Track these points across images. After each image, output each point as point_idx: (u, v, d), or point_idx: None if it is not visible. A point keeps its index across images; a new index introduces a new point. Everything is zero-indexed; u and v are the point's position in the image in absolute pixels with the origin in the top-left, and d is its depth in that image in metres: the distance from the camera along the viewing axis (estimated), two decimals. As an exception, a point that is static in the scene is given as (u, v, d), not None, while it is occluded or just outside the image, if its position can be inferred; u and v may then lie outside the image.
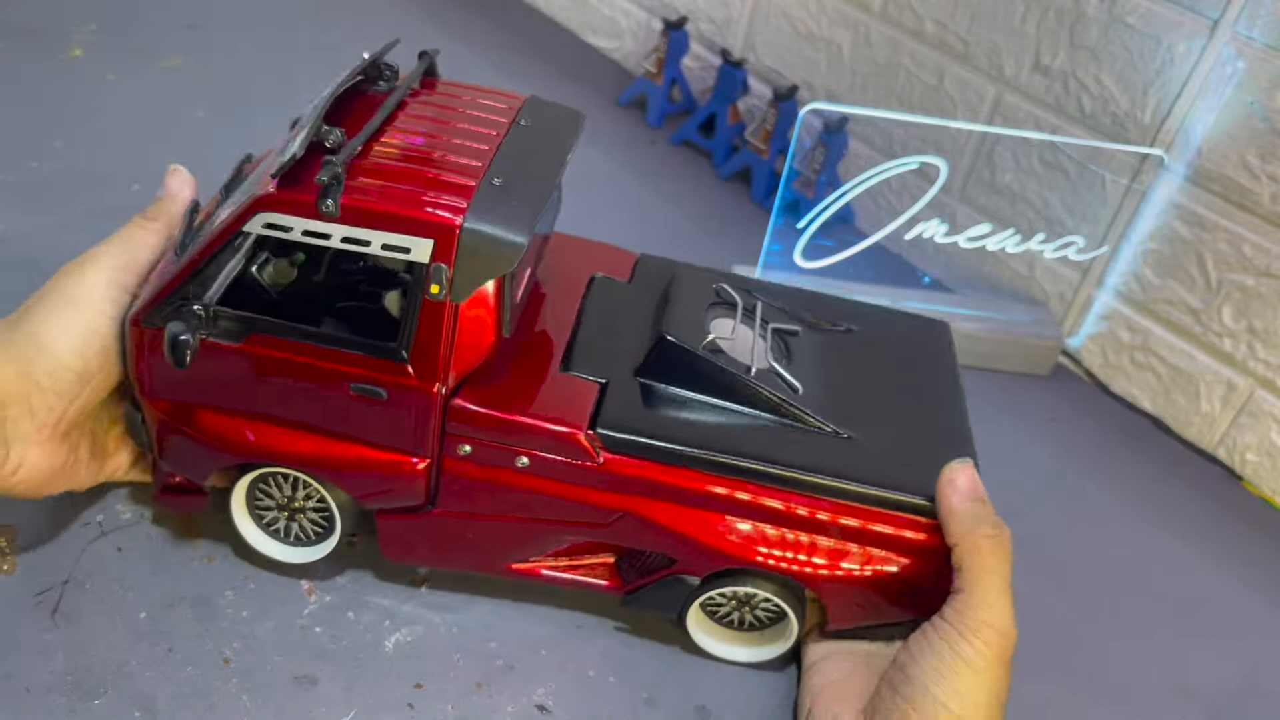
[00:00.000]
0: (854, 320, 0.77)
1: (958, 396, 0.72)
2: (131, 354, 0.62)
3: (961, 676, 0.57)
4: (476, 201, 0.58)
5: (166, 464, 0.66)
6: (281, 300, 0.67)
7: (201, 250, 0.60)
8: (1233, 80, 0.87)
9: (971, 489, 0.61)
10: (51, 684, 0.62)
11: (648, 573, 0.67)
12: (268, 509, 0.67)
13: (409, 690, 0.65)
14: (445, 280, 0.58)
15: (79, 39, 1.22)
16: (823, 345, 0.73)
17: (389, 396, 0.61)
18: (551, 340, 0.68)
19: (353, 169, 0.58)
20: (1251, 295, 0.91)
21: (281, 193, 0.57)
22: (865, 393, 0.70)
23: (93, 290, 0.62)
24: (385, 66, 0.66)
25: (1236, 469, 0.96)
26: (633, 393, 0.65)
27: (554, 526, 0.65)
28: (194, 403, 0.63)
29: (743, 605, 0.68)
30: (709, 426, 0.64)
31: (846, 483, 0.63)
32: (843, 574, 0.63)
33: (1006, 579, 0.59)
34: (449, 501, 0.64)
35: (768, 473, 0.63)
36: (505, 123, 0.65)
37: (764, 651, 0.69)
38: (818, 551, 0.64)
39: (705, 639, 0.69)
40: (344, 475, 0.64)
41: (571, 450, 0.62)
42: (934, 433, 0.68)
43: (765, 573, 0.64)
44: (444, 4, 1.48)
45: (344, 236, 0.57)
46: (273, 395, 0.62)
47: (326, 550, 0.67)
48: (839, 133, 1.09)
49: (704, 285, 0.72)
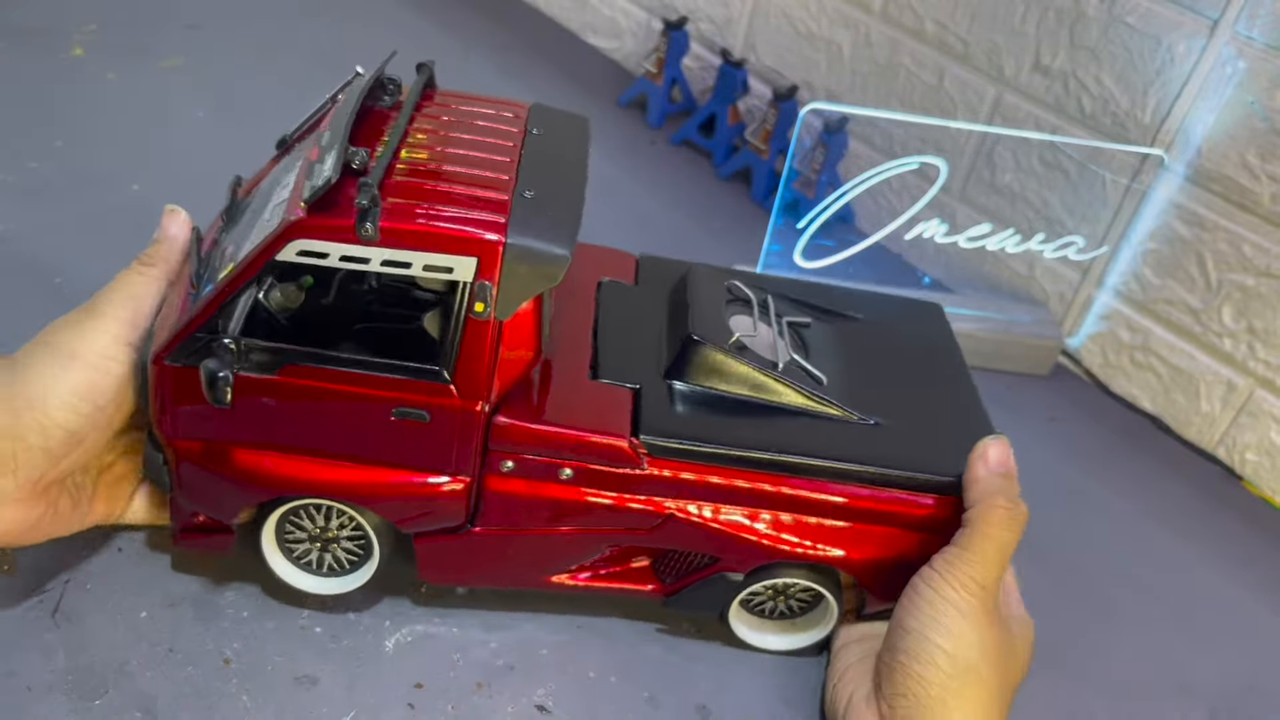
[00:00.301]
0: (851, 308, 0.78)
1: (964, 374, 0.75)
2: (154, 394, 0.60)
3: (952, 619, 0.59)
4: (515, 216, 0.57)
5: (191, 504, 0.63)
6: (292, 325, 0.65)
7: (230, 282, 0.57)
8: (1233, 80, 0.87)
9: (1000, 463, 0.63)
10: (52, 683, 0.62)
11: (688, 573, 0.67)
12: (299, 542, 0.66)
13: (409, 690, 0.65)
14: (490, 298, 0.57)
15: (79, 39, 1.22)
16: (832, 335, 0.74)
17: (431, 418, 0.60)
18: (575, 349, 0.67)
19: (383, 189, 0.56)
20: (1251, 295, 0.91)
21: (316, 218, 0.55)
22: (880, 378, 0.71)
23: (95, 345, 0.59)
24: (388, 80, 0.65)
25: (1236, 469, 0.96)
26: (665, 396, 0.65)
27: (596, 535, 0.65)
28: (223, 439, 0.61)
29: (779, 595, 0.69)
30: (745, 424, 0.65)
31: (882, 469, 0.64)
32: (884, 558, 0.65)
33: (1005, 549, 0.60)
34: (490, 518, 0.64)
35: (806, 465, 0.64)
36: (518, 132, 0.64)
37: (804, 638, 0.70)
38: (859, 538, 0.65)
39: (747, 632, 0.70)
40: (383, 501, 0.62)
41: (617, 459, 0.62)
42: (952, 412, 0.70)
43: (807, 562, 0.65)
44: (444, 4, 1.48)
45: (384, 260, 0.56)
46: (308, 425, 0.60)
47: (365, 579, 0.66)
48: (839, 133, 1.09)
49: (718, 283, 0.72)
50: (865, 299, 0.80)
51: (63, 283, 0.87)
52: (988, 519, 0.60)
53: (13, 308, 0.85)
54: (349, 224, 0.55)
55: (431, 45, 1.37)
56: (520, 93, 1.30)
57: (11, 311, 0.84)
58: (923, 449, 0.66)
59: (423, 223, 0.56)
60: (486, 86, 1.26)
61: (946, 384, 0.73)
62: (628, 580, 0.69)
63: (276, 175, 0.64)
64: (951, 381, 0.74)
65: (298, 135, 0.68)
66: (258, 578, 0.69)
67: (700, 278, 0.73)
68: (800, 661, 0.71)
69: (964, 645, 0.58)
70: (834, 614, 0.68)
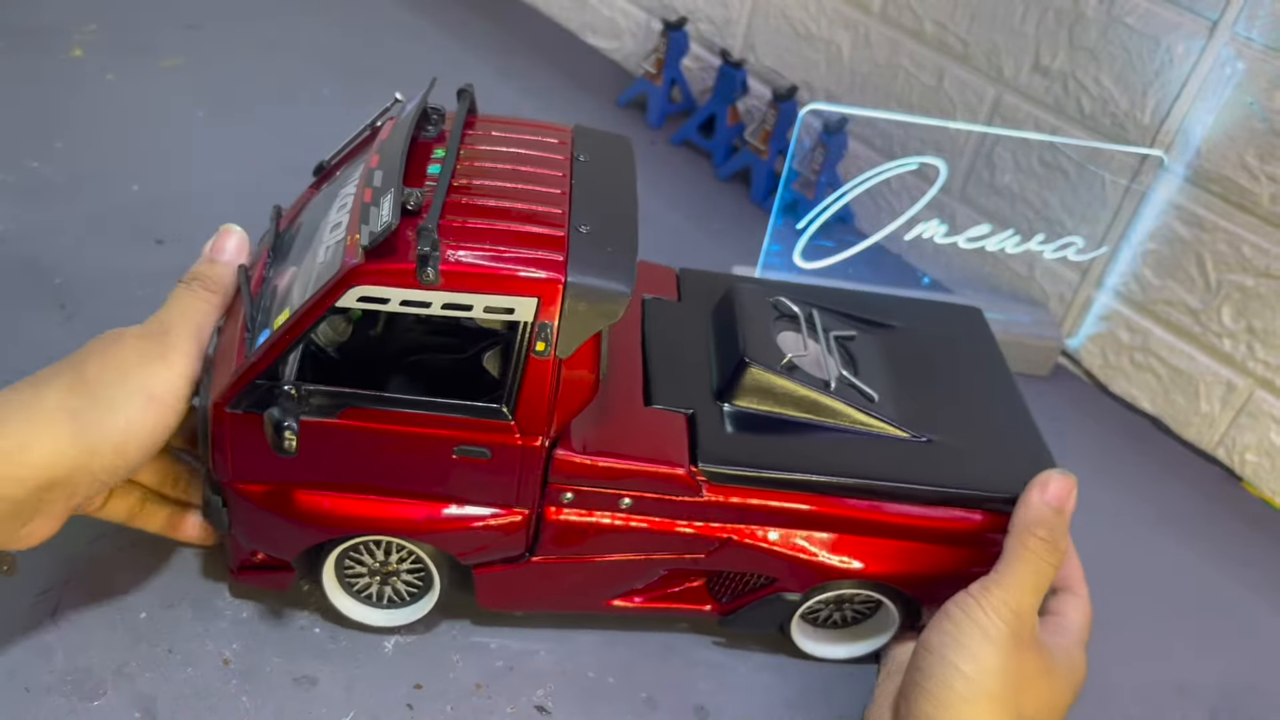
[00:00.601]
0: (892, 315, 0.78)
1: (1010, 382, 0.75)
2: (214, 440, 0.59)
3: (977, 642, 0.58)
4: (573, 253, 0.56)
5: (251, 544, 0.64)
6: (341, 357, 0.65)
7: (290, 329, 0.56)
8: (1232, 81, 0.87)
9: (1057, 497, 0.61)
10: (51, 684, 0.62)
11: (744, 593, 0.68)
12: (359, 576, 0.66)
13: (409, 690, 0.65)
14: (550, 337, 0.56)
15: (79, 39, 1.22)
16: (877, 347, 0.74)
17: (493, 455, 0.60)
18: (627, 372, 0.67)
19: (440, 231, 0.55)
20: (1251, 296, 0.91)
21: (375, 264, 0.54)
22: (929, 391, 0.71)
23: (171, 388, 0.58)
24: (432, 111, 0.64)
25: (1236, 469, 0.96)
26: (720, 420, 0.66)
27: (654, 560, 0.65)
28: (285, 481, 0.61)
29: (839, 605, 0.69)
30: (800, 446, 0.65)
31: (937, 488, 0.65)
32: (938, 574, 0.65)
33: (1040, 580, 0.60)
34: (549, 548, 0.64)
35: (862, 486, 0.64)
36: (565, 160, 0.63)
37: (865, 646, 0.71)
38: (915, 557, 0.65)
39: (808, 643, 0.70)
40: (443, 536, 0.62)
41: (676, 488, 0.63)
42: (1002, 424, 0.71)
43: (863, 580, 0.66)
44: (444, 4, 1.48)
45: (445, 303, 0.55)
46: (370, 465, 0.60)
47: (427, 609, 0.67)
48: (838, 133, 1.09)
49: (763, 300, 0.72)
50: (906, 305, 0.80)
51: (63, 283, 0.87)
52: (1023, 545, 0.60)
53: (13, 308, 0.85)
54: (410, 268, 0.54)
55: (431, 44, 1.37)
56: (520, 93, 1.30)
57: (12, 311, 0.84)
58: (974, 465, 0.66)
59: (483, 265, 0.55)
60: (487, 87, 1.25)
61: (994, 394, 0.73)
62: (684, 600, 0.69)
63: (321, 207, 0.63)
64: (998, 391, 0.74)
65: (336, 162, 0.67)
66: (257, 578, 0.69)
67: (745, 295, 0.72)
68: (800, 662, 0.71)
69: (984, 671, 0.57)
70: (894, 620, 0.68)
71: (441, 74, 0.70)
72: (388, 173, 0.57)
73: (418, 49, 1.35)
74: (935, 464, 0.66)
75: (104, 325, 0.61)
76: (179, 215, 0.97)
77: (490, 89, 1.29)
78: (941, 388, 0.72)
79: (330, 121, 0.66)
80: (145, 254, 0.92)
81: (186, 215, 0.97)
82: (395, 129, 0.61)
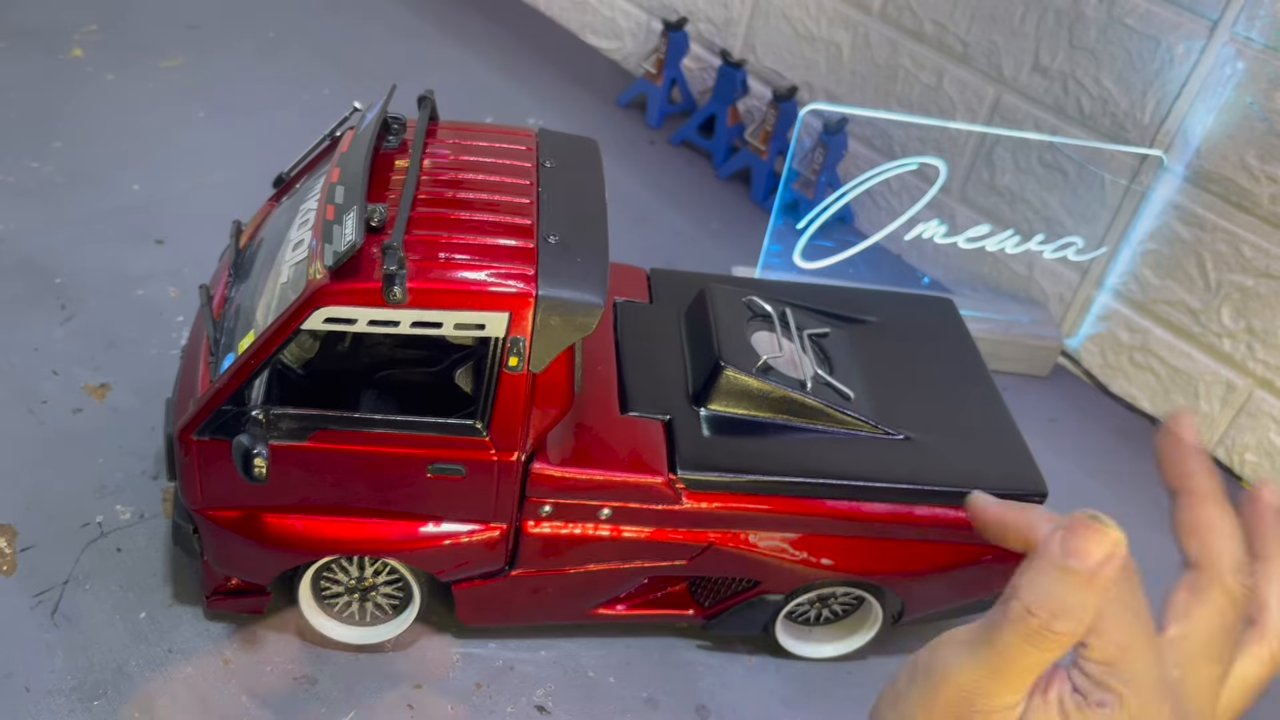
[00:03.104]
0: (864, 309, 0.78)
1: (982, 372, 0.75)
2: (182, 469, 0.59)
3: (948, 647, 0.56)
4: (543, 265, 0.55)
5: (224, 570, 0.63)
6: (308, 375, 0.64)
7: (255, 354, 0.55)
8: (1232, 81, 0.87)
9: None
10: (51, 684, 0.62)
11: (727, 596, 0.68)
12: (337, 596, 0.65)
13: (409, 690, 0.65)
14: (523, 352, 0.56)
15: (79, 39, 1.22)
16: (851, 343, 0.74)
17: (468, 472, 0.59)
18: (602, 379, 0.67)
19: (405, 246, 0.54)
20: (1250, 296, 0.91)
21: (341, 284, 0.53)
22: (903, 387, 0.71)
23: None
24: (392, 120, 0.62)
25: (1236, 469, 0.96)
26: (696, 425, 0.65)
27: (635, 568, 0.65)
28: (256, 506, 0.60)
29: (823, 602, 0.69)
30: (777, 448, 0.65)
31: (913, 484, 0.65)
32: (918, 570, 0.65)
33: None
34: (529, 561, 0.64)
35: (841, 486, 0.64)
36: (531, 167, 0.63)
37: (851, 642, 0.71)
38: (894, 552, 0.65)
39: (793, 643, 0.70)
40: (422, 555, 0.62)
41: (656, 496, 0.62)
42: (976, 417, 0.71)
43: (844, 579, 0.66)
44: (444, 4, 1.48)
45: (414, 321, 0.54)
46: (342, 487, 0.60)
47: (408, 622, 0.66)
48: (839, 133, 1.09)
49: (736, 301, 0.72)
50: (878, 298, 0.80)
51: (63, 283, 0.87)
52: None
53: (13, 308, 0.85)
54: (376, 287, 0.53)
55: (431, 45, 1.37)
56: (520, 93, 1.30)
57: (12, 311, 0.84)
58: (948, 460, 0.66)
59: (452, 281, 0.54)
60: (487, 87, 1.25)
61: (967, 386, 0.73)
62: (667, 606, 0.69)
63: (282, 223, 0.62)
64: (973, 383, 0.74)
65: (295, 174, 0.66)
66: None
67: (718, 296, 0.72)
68: (798, 663, 0.71)
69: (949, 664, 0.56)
70: (878, 616, 0.69)
71: (442, 74, 0.70)
72: (350, 188, 0.55)
73: (418, 49, 1.35)
74: (913, 461, 0.66)
75: (104, 325, 0.61)
76: (179, 215, 0.97)
77: (490, 89, 1.29)
78: (916, 382, 0.72)
79: (330, 122, 0.66)
80: (145, 254, 0.92)
81: (186, 215, 0.97)
82: (356, 140, 0.60)
